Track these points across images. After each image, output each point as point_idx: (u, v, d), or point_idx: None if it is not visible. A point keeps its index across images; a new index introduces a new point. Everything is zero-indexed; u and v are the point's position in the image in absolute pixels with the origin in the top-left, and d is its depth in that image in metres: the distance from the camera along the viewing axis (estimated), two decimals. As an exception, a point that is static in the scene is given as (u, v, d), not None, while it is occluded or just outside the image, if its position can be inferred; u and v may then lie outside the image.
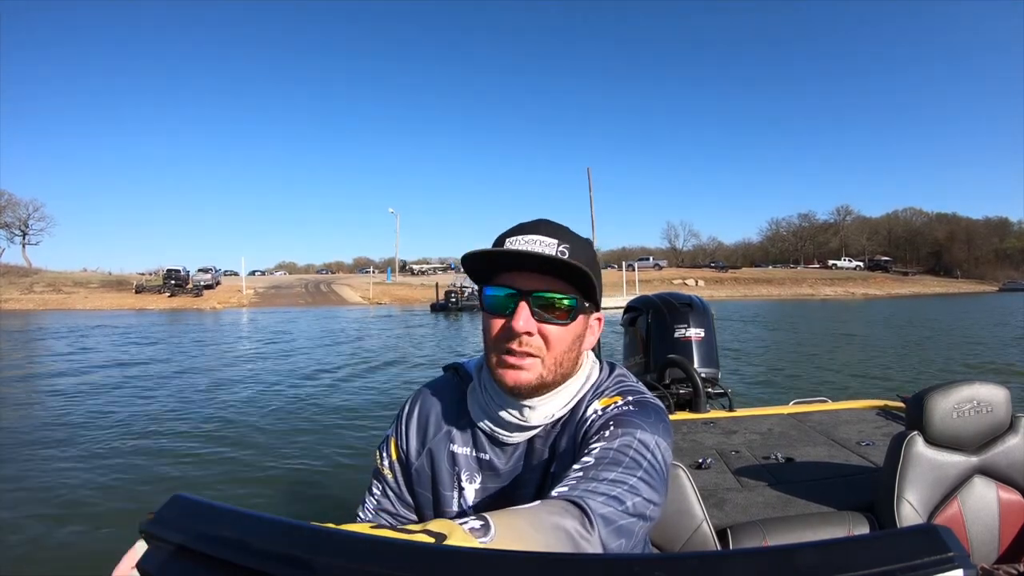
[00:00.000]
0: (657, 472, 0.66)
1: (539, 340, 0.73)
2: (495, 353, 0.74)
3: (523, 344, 0.72)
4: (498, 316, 0.74)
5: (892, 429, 2.27)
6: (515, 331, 0.71)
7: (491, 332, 0.74)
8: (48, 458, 4.85)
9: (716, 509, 1.61)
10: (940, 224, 67.21)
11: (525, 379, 0.73)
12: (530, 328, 0.71)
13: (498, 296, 0.74)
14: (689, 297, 3.18)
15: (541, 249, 0.72)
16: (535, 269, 0.72)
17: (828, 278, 51.56)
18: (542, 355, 0.73)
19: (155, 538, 0.33)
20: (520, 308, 0.71)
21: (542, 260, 0.71)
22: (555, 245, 0.73)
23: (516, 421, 0.77)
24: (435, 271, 62.30)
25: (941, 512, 1.43)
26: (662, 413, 0.75)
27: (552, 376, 0.75)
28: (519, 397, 0.75)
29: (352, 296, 40.54)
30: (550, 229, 0.75)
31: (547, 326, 0.73)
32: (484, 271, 0.76)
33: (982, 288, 51.72)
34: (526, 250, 0.71)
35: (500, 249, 0.72)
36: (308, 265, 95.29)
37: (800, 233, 71.58)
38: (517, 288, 0.72)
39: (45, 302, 35.39)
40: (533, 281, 0.72)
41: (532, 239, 0.73)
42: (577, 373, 0.80)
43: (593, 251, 0.79)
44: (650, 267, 52.22)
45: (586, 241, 0.78)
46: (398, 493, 0.86)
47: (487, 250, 0.73)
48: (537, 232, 0.74)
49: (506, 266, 0.74)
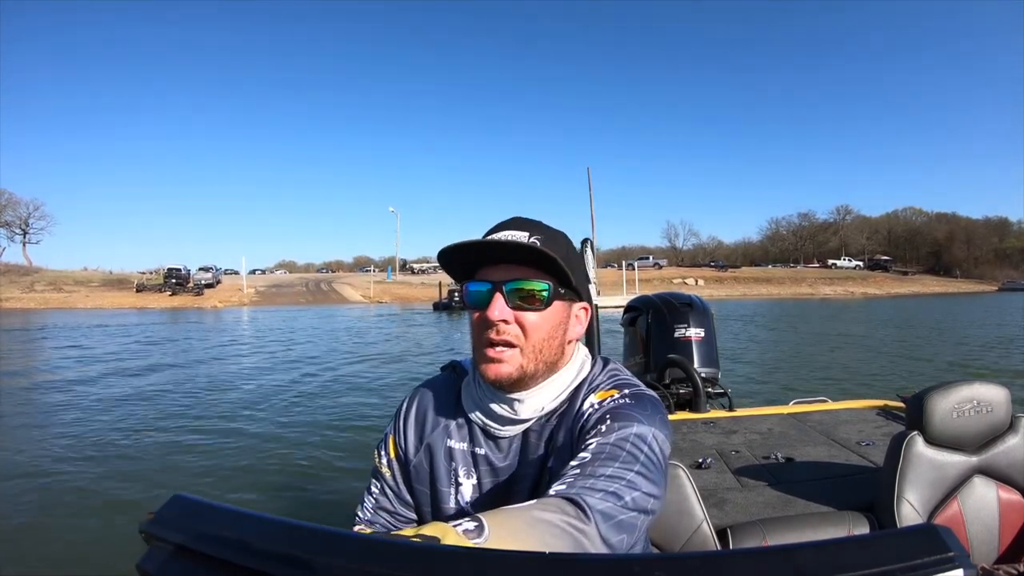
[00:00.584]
0: (655, 465, 0.66)
1: (516, 328, 0.74)
2: (478, 347, 0.76)
3: (500, 333, 0.73)
4: (477, 309, 0.75)
5: (892, 429, 2.27)
6: (490, 320, 0.72)
7: (474, 326, 0.76)
8: (51, 456, 4.86)
9: (716, 509, 1.61)
10: (940, 224, 67.22)
11: (506, 372, 0.73)
12: (505, 316, 0.73)
13: (476, 291, 0.75)
14: (689, 297, 3.18)
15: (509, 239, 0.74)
16: (510, 261, 0.74)
17: (827, 277, 51.58)
18: (520, 343, 0.74)
19: (155, 538, 0.33)
20: (495, 298, 0.73)
21: (508, 249, 0.72)
22: (526, 237, 0.75)
23: (506, 414, 0.78)
24: (435, 270, 62.20)
25: (941, 512, 1.43)
26: (659, 405, 0.75)
27: (534, 366, 0.75)
28: (503, 390, 0.76)
29: (353, 295, 40.57)
30: (522, 224, 0.77)
31: (523, 314, 0.74)
32: (464, 270, 0.78)
33: (981, 288, 51.72)
34: (489, 239, 0.73)
35: (466, 242, 0.73)
36: (307, 264, 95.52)
37: (800, 232, 71.64)
38: (491, 280, 0.74)
39: (47, 301, 35.39)
40: (507, 272, 0.74)
41: (505, 234, 0.75)
42: (568, 365, 0.80)
43: (568, 241, 0.80)
44: (650, 266, 52.24)
45: (559, 232, 0.80)
46: (396, 492, 0.86)
47: (455, 244, 0.73)
48: (509, 228, 0.76)
49: (483, 262, 0.76)
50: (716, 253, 72.81)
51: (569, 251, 0.79)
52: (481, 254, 0.76)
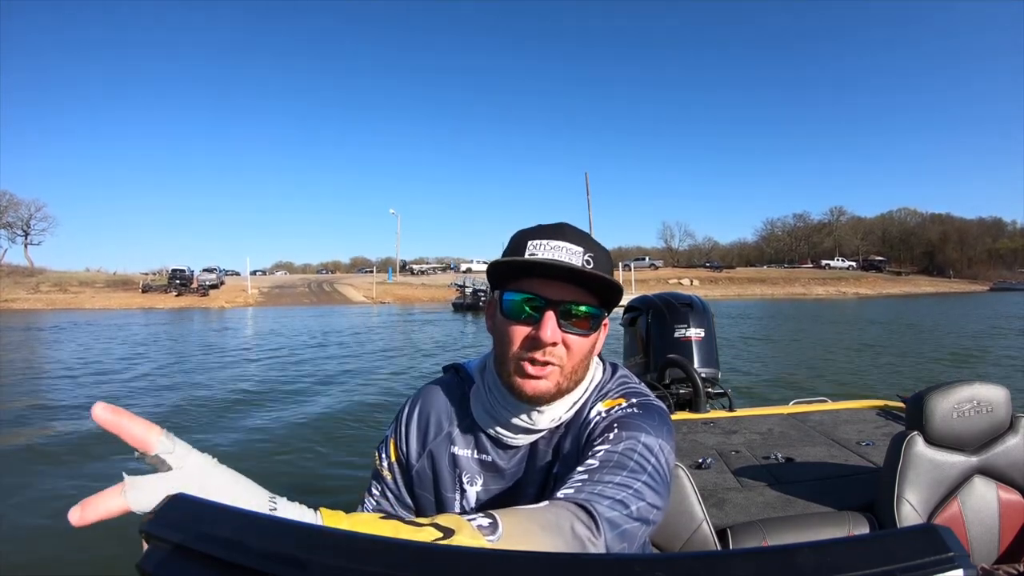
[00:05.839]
0: (661, 476, 0.66)
1: (561, 350, 0.72)
2: (514, 360, 0.73)
3: (547, 354, 0.71)
4: (519, 322, 0.72)
5: (892, 429, 2.26)
6: (542, 341, 0.70)
7: (511, 339, 0.72)
8: (55, 454, 4.85)
9: (716, 509, 1.61)
10: (934, 224, 67.35)
11: (544, 388, 0.72)
12: (556, 339, 0.70)
13: (520, 302, 0.72)
14: (689, 297, 3.18)
15: (568, 257, 0.71)
16: (560, 277, 0.71)
17: (821, 278, 51.59)
18: (562, 364, 0.72)
19: (155, 538, 0.33)
20: (547, 318, 0.70)
21: (575, 273, 0.70)
22: (581, 254, 0.72)
23: (524, 424, 0.77)
24: (434, 271, 62.32)
25: (941, 512, 1.43)
26: (665, 416, 0.75)
27: (568, 384, 0.74)
28: (536, 405, 0.75)
29: (355, 295, 40.56)
30: (575, 236, 0.74)
31: (570, 336, 0.72)
32: (505, 275, 0.75)
33: (973, 288, 51.74)
34: (558, 261, 0.70)
35: (533, 260, 0.70)
36: (305, 265, 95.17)
37: (795, 233, 71.73)
38: (544, 296, 0.71)
39: (53, 302, 35.29)
40: (559, 290, 0.71)
41: (558, 245, 0.72)
42: (585, 378, 0.80)
43: (611, 258, 0.78)
44: (646, 267, 52.20)
45: (606, 249, 0.77)
46: (397, 494, 0.85)
47: (520, 260, 0.71)
48: (562, 238, 0.73)
49: (531, 272, 0.73)
50: (712, 254, 72.70)
51: (611, 267, 0.76)
52: (530, 265, 0.71)
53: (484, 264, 26.01)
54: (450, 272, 57.54)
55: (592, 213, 10.13)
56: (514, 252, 0.74)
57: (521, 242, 0.74)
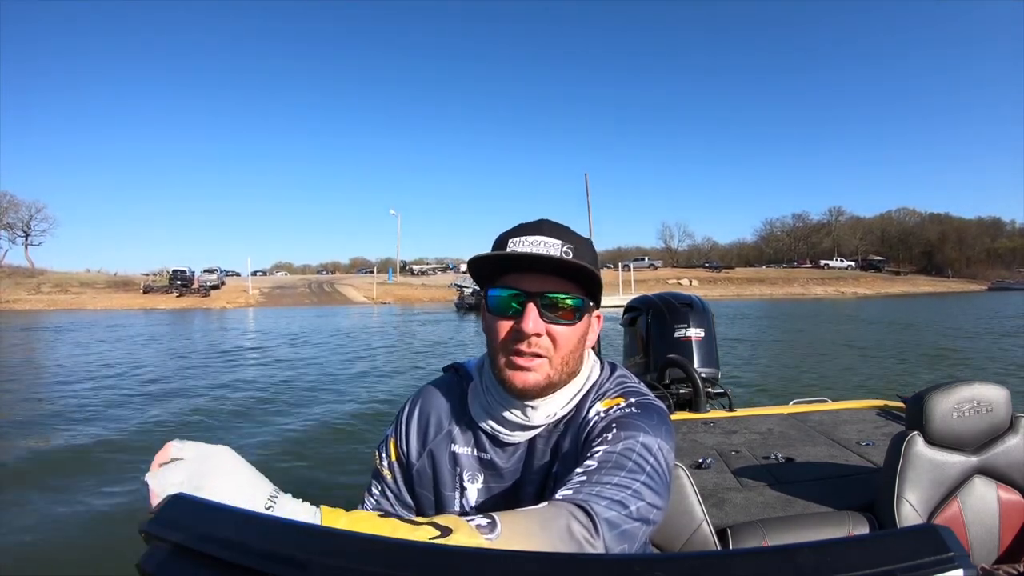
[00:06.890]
0: (660, 476, 0.65)
1: (547, 341, 0.73)
2: (503, 355, 0.74)
3: (532, 345, 0.72)
4: (505, 318, 0.73)
5: (892, 429, 2.26)
6: (524, 332, 0.71)
7: (498, 334, 0.74)
8: (56, 454, 4.86)
9: (716, 509, 1.61)
10: (932, 224, 67.44)
11: (533, 380, 0.73)
12: (539, 329, 0.72)
13: (504, 297, 0.74)
14: (689, 297, 3.19)
15: (546, 250, 0.72)
16: (540, 270, 0.73)
17: (819, 277, 51.68)
18: (550, 355, 0.73)
19: (155, 538, 0.33)
20: (528, 309, 0.71)
21: (550, 262, 0.71)
22: (559, 246, 0.73)
23: (519, 420, 0.77)
24: (434, 271, 62.41)
25: (941, 512, 1.43)
26: (664, 416, 0.75)
27: (559, 376, 0.75)
28: (527, 398, 0.75)
29: (356, 296, 40.61)
30: (553, 229, 0.75)
31: (554, 326, 0.73)
32: (489, 273, 0.76)
33: (971, 287, 51.83)
34: (533, 252, 0.72)
35: (508, 252, 0.72)
36: (305, 265, 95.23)
37: (794, 233, 71.77)
38: (524, 289, 0.72)
39: (54, 302, 35.30)
40: (539, 282, 0.72)
41: (536, 240, 0.73)
42: (581, 371, 0.80)
43: (595, 250, 0.80)
44: (645, 267, 52.23)
45: (588, 241, 0.78)
46: (397, 494, 0.85)
47: (495, 253, 0.72)
48: (540, 233, 0.74)
49: (511, 268, 0.74)
50: (711, 254, 72.81)
51: (595, 259, 0.78)
52: (508, 259, 0.74)
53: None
54: (450, 272, 57.68)
55: (592, 214, 10.19)
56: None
57: (502, 242, 0.75)
